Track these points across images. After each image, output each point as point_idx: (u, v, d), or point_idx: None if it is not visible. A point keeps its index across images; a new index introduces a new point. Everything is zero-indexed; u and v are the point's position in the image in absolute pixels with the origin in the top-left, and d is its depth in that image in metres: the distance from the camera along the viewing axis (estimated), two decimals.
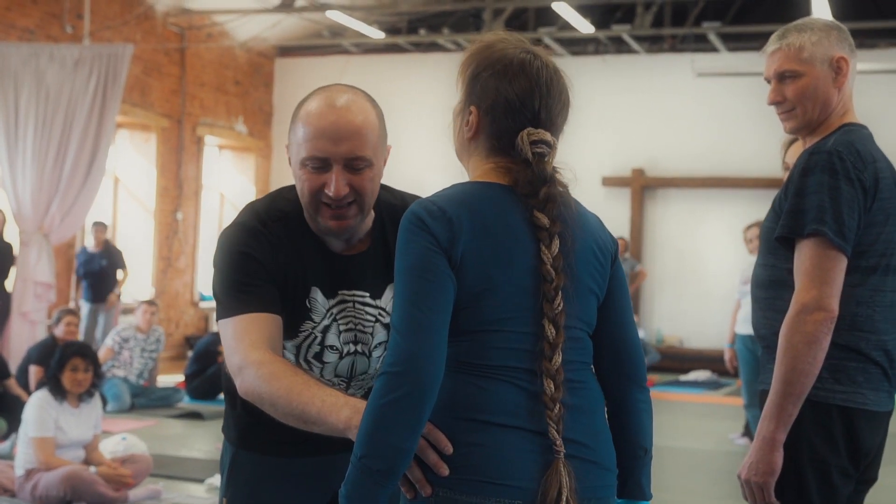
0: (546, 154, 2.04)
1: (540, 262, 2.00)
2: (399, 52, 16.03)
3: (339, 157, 2.32)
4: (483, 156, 2.11)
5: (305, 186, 2.36)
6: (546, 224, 2.01)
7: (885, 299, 2.85)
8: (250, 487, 2.57)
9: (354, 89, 2.42)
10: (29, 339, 10.10)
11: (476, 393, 1.97)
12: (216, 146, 15.71)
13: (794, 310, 2.74)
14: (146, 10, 13.44)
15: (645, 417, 2.18)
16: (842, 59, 2.92)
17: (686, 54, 14.92)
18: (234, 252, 2.37)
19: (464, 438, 1.95)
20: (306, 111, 2.37)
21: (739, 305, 8.48)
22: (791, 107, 2.94)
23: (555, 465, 1.94)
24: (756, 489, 2.81)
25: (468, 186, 2.07)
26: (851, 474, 2.86)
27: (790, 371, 2.73)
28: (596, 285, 2.11)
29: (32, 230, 10.44)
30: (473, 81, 2.11)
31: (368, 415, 1.90)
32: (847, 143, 2.81)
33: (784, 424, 2.76)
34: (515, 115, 2.06)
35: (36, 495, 6.06)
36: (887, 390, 2.89)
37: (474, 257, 1.97)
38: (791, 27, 2.97)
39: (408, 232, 1.98)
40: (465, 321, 1.98)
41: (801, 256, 2.77)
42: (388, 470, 1.89)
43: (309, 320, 2.44)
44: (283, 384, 2.15)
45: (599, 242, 2.13)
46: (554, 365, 1.97)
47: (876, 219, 2.80)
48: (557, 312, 1.99)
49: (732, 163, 14.32)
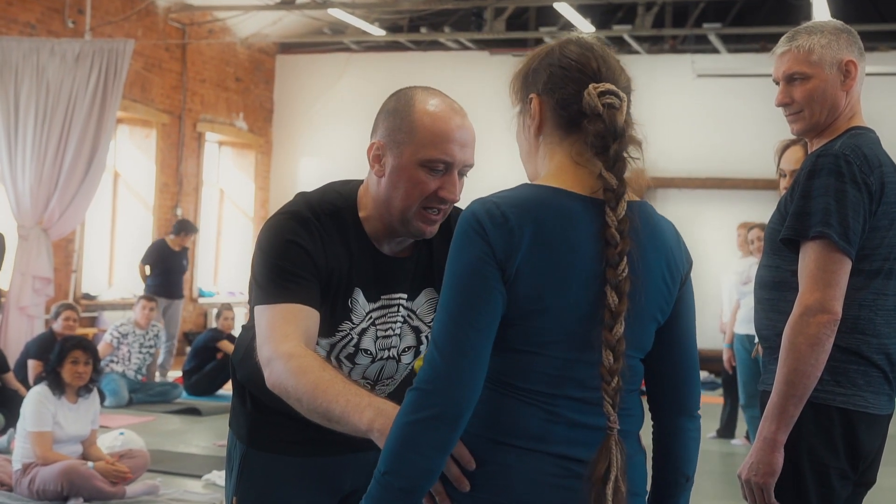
0: (617, 105, 1.93)
1: (605, 226, 1.89)
2: (400, 49, 16.02)
3: (461, 163, 2.32)
4: (555, 143, 2.00)
5: (418, 187, 2.31)
6: (613, 185, 1.90)
7: (887, 303, 2.85)
8: (261, 486, 2.56)
9: (451, 97, 2.40)
10: (27, 333, 10.09)
11: (509, 416, 1.90)
12: (216, 142, 15.69)
13: (797, 311, 2.75)
14: (148, 5, 13.43)
15: (692, 447, 2.11)
16: (850, 62, 2.92)
17: (686, 55, 14.92)
18: (282, 239, 2.32)
19: (488, 457, 1.90)
20: (427, 112, 2.31)
21: (739, 306, 8.48)
22: (799, 109, 2.94)
23: (606, 441, 1.89)
24: (756, 489, 2.82)
25: (538, 192, 1.93)
26: (850, 476, 2.86)
27: (792, 372, 2.74)
28: (658, 310, 2.01)
29: (31, 224, 10.43)
30: (526, 79, 2.04)
31: (396, 431, 1.85)
32: (854, 146, 2.81)
33: (785, 425, 2.77)
34: (575, 77, 1.96)
35: (33, 489, 6.06)
36: (888, 393, 2.89)
37: (530, 274, 1.87)
38: (801, 29, 2.97)
39: (465, 235, 1.89)
40: (512, 338, 1.90)
41: (805, 258, 2.77)
42: (411, 489, 1.84)
43: (348, 321, 2.41)
44: (310, 379, 2.10)
45: (671, 263, 2.02)
46: (615, 335, 1.88)
47: (881, 223, 2.80)
48: (622, 279, 1.88)
49: (732, 164, 14.32)
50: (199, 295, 14.65)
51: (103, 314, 12.71)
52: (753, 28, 14.31)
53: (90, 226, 12.86)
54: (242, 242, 15.45)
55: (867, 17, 14.31)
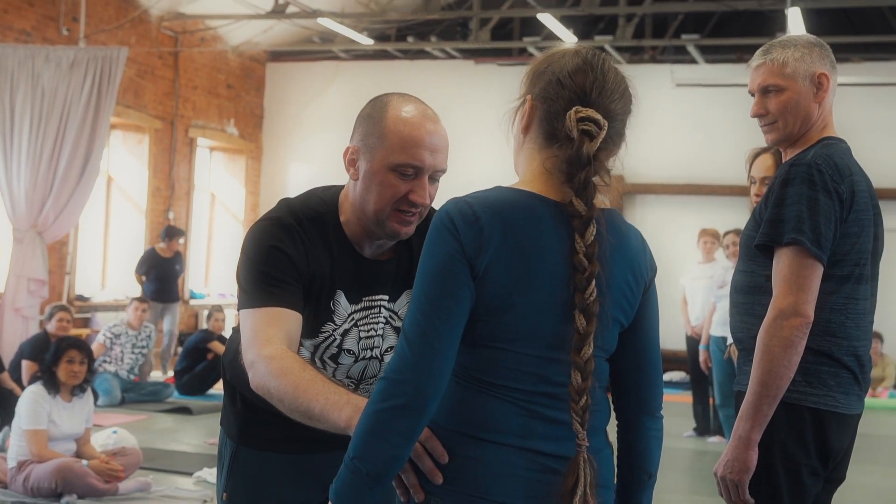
0: (594, 134, 1.93)
1: (572, 252, 1.89)
2: (388, 58, 16.02)
3: (431, 168, 2.32)
4: (535, 148, 2.00)
5: (389, 190, 2.32)
6: (582, 211, 1.90)
7: (857, 307, 2.87)
8: (251, 482, 2.57)
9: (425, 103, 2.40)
10: (22, 334, 10.05)
11: (479, 410, 1.92)
12: (208, 148, 15.66)
13: (771, 315, 2.76)
14: (141, 13, 13.40)
15: (654, 445, 2.12)
16: (823, 75, 2.94)
17: (666, 65, 14.96)
18: (265, 245, 2.34)
19: (460, 451, 1.91)
20: (399, 118, 2.32)
21: (714, 309, 8.52)
22: (773, 119, 2.96)
23: (575, 458, 1.90)
24: (731, 486, 2.83)
25: (510, 194, 1.95)
26: (821, 473, 2.88)
27: (766, 373, 2.75)
28: (622, 313, 2.02)
29: (26, 228, 10.39)
30: (533, 77, 2.04)
31: (365, 418, 1.87)
32: (826, 156, 2.84)
33: (759, 424, 2.78)
34: (566, 94, 1.96)
35: (28, 486, 6.05)
36: (857, 394, 2.91)
37: (498, 272, 1.89)
38: (776, 43, 2.99)
39: (437, 233, 1.90)
40: (480, 334, 1.92)
41: (779, 264, 2.79)
42: (377, 474, 1.86)
43: (331, 322, 2.42)
44: (291, 380, 2.12)
45: (636, 270, 2.03)
46: (584, 356, 1.90)
47: (851, 230, 2.83)
48: (590, 302, 1.89)
49: (709, 171, 14.36)
50: (190, 297, 14.62)
51: (96, 315, 12.68)
52: (730, 39, 14.36)
53: (84, 229, 12.82)
54: (233, 245, 15.41)
55: (840, 30, 14.39)
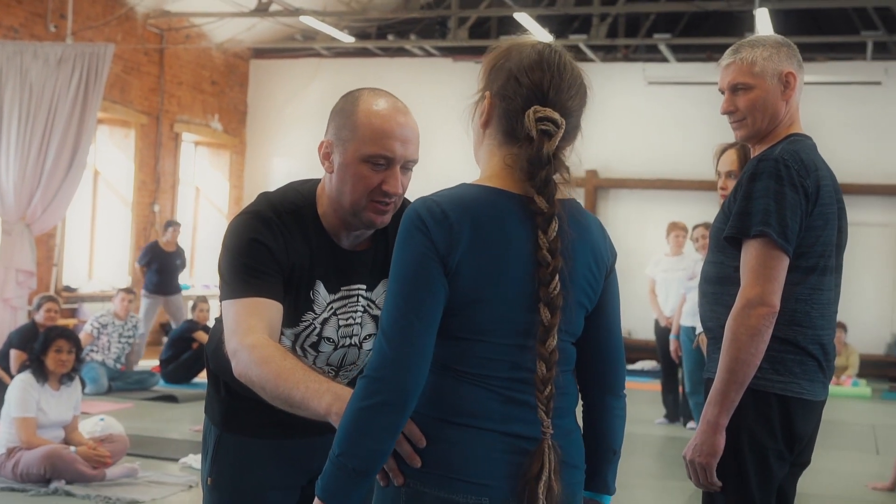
0: (552, 133, 1.94)
1: (536, 249, 1.91)
2: (368, 56, 16.01)
3: (402, 158, 2.33)
4: (495, 144, 2.01)
5: (363, 182, 2.33)
6: (544, 208, 1.91)
7: (822, 297, 2.90)
8: (235, 468, 2.57)
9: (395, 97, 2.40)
10: (10, 324, 10.00)
11: (455, 396, 1.93)
12: (192, 142, 15.61)
13: (739, 304, 2.79)
14: (127, 11, 13.33)
15: (618, 424, 2.15)
16: (790, 73, 2.96)
17: (638, 63, 15.01)
18: (246, 238, 2.35)
19: (438, 435, 1.92)
20: (370, 111, 2.33)
21: (685, 300, 8.55)
22: (742, 116, 2.98)
23: (540, 445, 1.92)
24: (699, 469, 2.85)
25: (475, 191, 1.96)
26: (786, 458, 2.90)
27: (734, 361, 2.78)
28: (586, 298, 2.04)
29: (14, 220, 10.34)
30: (490, 72, 2.03)
31: (348, 416, 1.87)
32: (792, 151, 2.86)
33: (727, 410, 2.80)
34: (524, 94, 1.96)
35: (17, 473, 6.03)
36: (822, 381, 2.93)
37: (469, 268, 1.90)
38: (745, 43, 3.01)
39: (408, 231, 1.91)
40: (454, 327, 1.93)
41: (747, 255, 2.81)
42: (363, 469, 1.87)
43: (311, 311, 2.43)
44: (272, 368, 2.13)
45: (597, 255, 2.05)
46: (548, 348, 1.92)
47: (816, 223, 2.85)
48: (554, 296, 1.91)
49: (680, 166, 14.42)
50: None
51: (83, 306, 12.64)
52: (700, 39, 14.42)
53: (71, 221, 12.75)
54: (217, 238, 15.25)
55: (806, 30, 14.45)
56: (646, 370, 13.30)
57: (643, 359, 13.71)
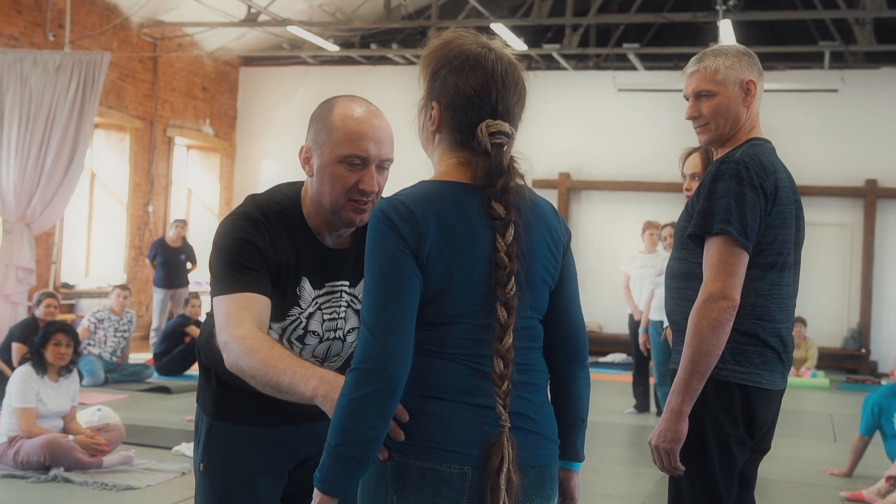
0: (504, 144, 1.98)
1: (494, 251, 1.94)
2: (352, 64, 15.98)
3: (376, 158, 2.34)
4: (447, 149, 2.04)
5: (340, 182, 2.34)
6: (502, 214, 1.95)
7: (781, 292, 2.91)
8: (225, 454, 2.57)
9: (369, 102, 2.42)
10: (11, 319, 9.95)
11: (433, 373, 1.95)
12: (185, 146, 15.55)
13: (701, 298, 2.80)
14: (123, 21, 13.28)
15: (584, 392, 2.18)
16: (751, 81, 2.98)
17: (608, 72, 15.04)
18: (235, 237, 2.36)
19: (420, 409, 1.94)
20: (344, 115, 2.35)
21: (653, 295, 8.57)
22: (706, 122, 3.00)
23: (499, 437, 1.93)
24: (664, 454, 2.87)
25: (434, 186, 1.99)
26: (748, 444, 2.92)
27: (696, 352, 2.79)
28: (549, 275, 2.07)
29: (15, 220, 10.29)
30: (434, 78, 2.04)
31: (341, 408, 1.88)
32: (753, 154, 2.88)
33: (690, 398, 2.82)
34: (474, 109, 1.99)
35: (18, 460, 6.00)
36: (781, 371, 2.95)
37: (439, 257, 1.93)
38: (708, 52, 3.02)
39: (377, 231, 1.93)
40: (430, 314, 1.95)
41: (709, 252, 2.83)
42: (360, 456, 1.88)
43: (297, 306, 2.44)
44: (261, 357, 2.15)
45: (553, 233, 2.08)
46: (504, 345, 1.94)
47: (775, 221, 2.87)
48: (510, 297, 1.94)
49: (648, 168, 14.46)
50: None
51: (81, 301, 12.57)
52: (667, 48, 14.46)
53: (69, 221, 12.70)
54: (208, 237, 15.28)
55: (767, 40, 14.55)
56: (616, 363, 13.31)
57: (613, 352, 13.74)
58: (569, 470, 2.19)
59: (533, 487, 2.01)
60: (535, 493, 2.02)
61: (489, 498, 1.91)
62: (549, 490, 2.06)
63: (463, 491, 1.92)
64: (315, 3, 14.24)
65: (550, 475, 2.07)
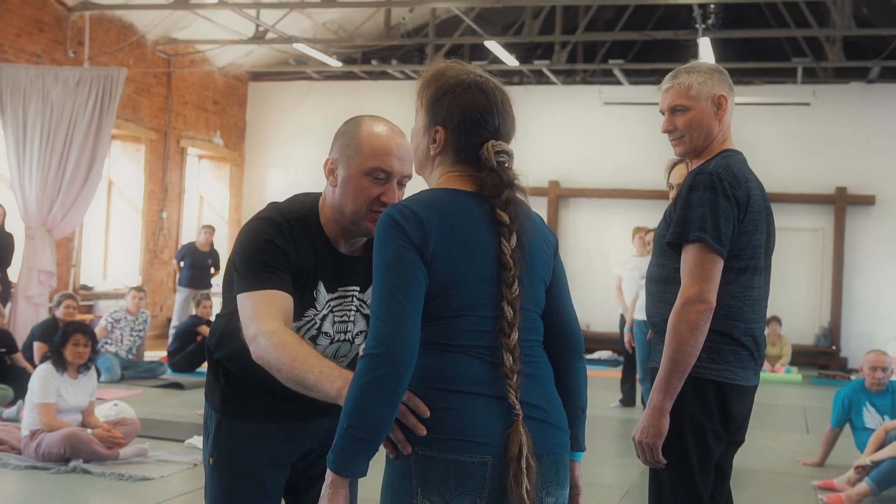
0: (507, 162, 2.05)
1: (500, 253, 1.98)
2: (354, 79, 15.99)
3: (399, 174, 2.37)
4: (449, 165, 2.08)
5: (364, 193, 2.37)
6: (507, 221, 2.00)
7: (753, 294, 2.92)
8: (234, 449, 2.57)
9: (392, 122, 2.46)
10: (33, 319, 9.95)
11: (446, 367, 1.95)
12: (197, 156, 15.54)
13: (679, 302, 2.81)
14: (138, 38, 13.28)
15: (582, 383, 2.19)
16: (722, 96, 2.98)
17: (595, 86, 15.05)
18: (260, 239, 2.37)
19: (438, 404, 1.93)
20: (371, 132, 2.38)
21: (637, 296, 8.57)
22: (681, 135, 3.00)
23: (515, 425, 1.93)
24: (647, 449, 2.87)
25: (437, 192, 2.04)
26: (723, 437, 2.92)
27: (676, 352, 2.79)
28: (545, 273, 2.11)
29: (37, 226, 10.29)
30: (435, 105, 2.08)
31: (353, 391, 1.89)
32: (725, 165, 2.88)
33: (671, 395, 2.82)
34: (479, 131, 2.05)
35: (39, 453, 6.00)
36: (754, 368, 2.96)
37: (443, 254, 1.95)
38: (682, 69, 3.02)
39: (384, 232, 1.96)
40: (436, 309, 1.96)
41: (686, 258, 2.83)
42: (370, 438, 1.88)
43: (313, 308, 2.45)
44: (289, 353, 2.14)
45: (545, 238, 2.13)
46: (512, 341, 1.96)
47: (747, 228, 2.87)
48: (515, 296, 1.97)
49: (632, 177, 14.47)
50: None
51: (99, 303, 12.57)
52: (650, 64, 14.47)
53: (88, 227, 12.71)
54: (219, 242, 15.32)
55: (743, 57, 14.57)
56: (603, 359, 13.33)
57: (600, 349, 13.75)
58: (572, 460, 2.18)
59: (548, 475, 2.01)
60: (550, 479, 2.02)
61: (513, 484, 1.91)
62: (563, 477, 2.07)
63: (484, 480, 1.92)
64: (319, 21, 14.25)
65: (563, 463, 2.07)
